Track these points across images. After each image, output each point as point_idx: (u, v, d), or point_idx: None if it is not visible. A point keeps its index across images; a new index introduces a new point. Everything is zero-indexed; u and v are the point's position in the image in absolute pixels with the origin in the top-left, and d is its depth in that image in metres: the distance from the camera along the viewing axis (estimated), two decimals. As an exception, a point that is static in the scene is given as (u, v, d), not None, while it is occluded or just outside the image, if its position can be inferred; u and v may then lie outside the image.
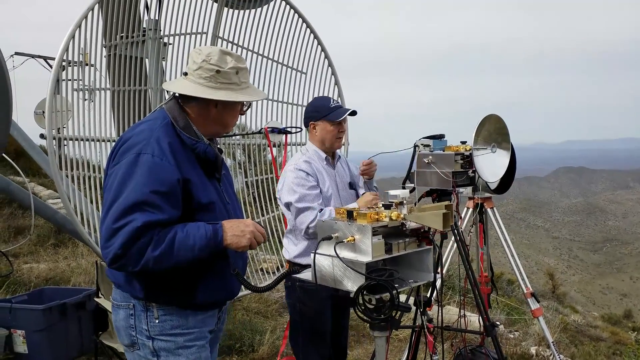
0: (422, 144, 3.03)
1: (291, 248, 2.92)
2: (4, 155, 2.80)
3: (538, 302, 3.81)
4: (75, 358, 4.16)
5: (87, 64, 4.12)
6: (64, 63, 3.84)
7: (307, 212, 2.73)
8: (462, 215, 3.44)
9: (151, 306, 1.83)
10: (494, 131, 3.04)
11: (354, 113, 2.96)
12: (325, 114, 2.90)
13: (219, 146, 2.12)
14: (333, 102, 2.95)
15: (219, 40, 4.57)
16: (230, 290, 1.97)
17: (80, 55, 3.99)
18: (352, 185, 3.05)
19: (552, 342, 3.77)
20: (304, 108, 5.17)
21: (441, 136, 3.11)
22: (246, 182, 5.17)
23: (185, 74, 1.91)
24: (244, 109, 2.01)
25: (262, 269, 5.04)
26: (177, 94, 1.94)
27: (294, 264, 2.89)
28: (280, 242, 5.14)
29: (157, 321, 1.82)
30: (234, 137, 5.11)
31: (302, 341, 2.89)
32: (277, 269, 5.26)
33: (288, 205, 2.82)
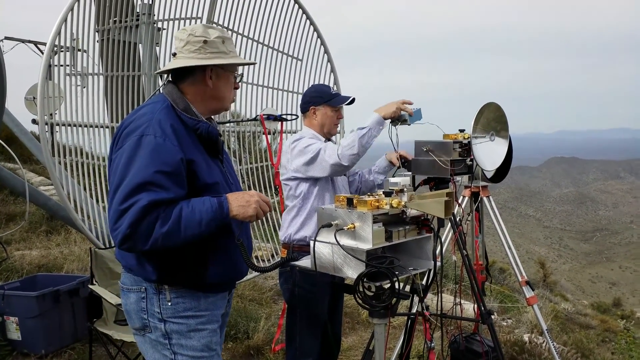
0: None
1: (294, 229, 2.88)
2: (3, 144, 2.75)
3: (533, 290, 3.84)
4: (69, 345, 4.14)
5: (79, 50, 4.05)
6: (55, 48, 3.77)
7: (328, 149, 2.70)
8: (460, 203, 3.43)
9: (163, 289, 1.83)
10: (493, 119, 3.02)
11: (353, 101, 3.00)
12: (328, 99, 2.94)
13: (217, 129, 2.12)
14: (333, 89, 3.04)
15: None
16: (240, 270, 1.96)
17: (73, 41, 3.92)
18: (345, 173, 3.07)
19: (546, 330, 3.80)
20: (300, 95, 5.20)
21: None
22: (240, 170, 5.13)
23: (174, 54, 1.95)
24: (237, 81, 2.03)
25: (256, 257, 5.03)
26: (171, 78, 1.96)
27: (292, 243, 2.87)
28: (275, 230, 5.15)
29: (169, 303, 1.83)
30: (227, 125, 5.07)
31: (299, 326, 2.90)
32: (272, 256, 5.25)
33: (308, 163, 2.75)
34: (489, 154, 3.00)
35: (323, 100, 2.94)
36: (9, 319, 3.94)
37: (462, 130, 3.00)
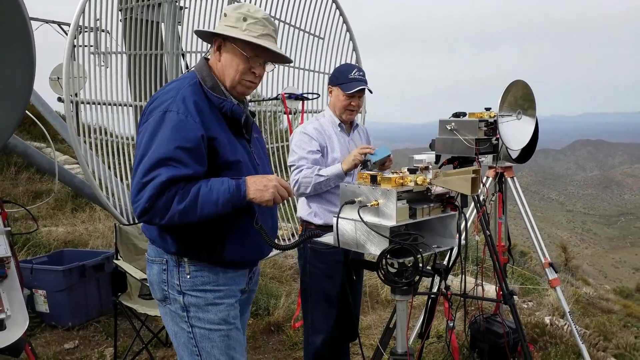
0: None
1: (302, 207, 2.98)
2: (33, 117, 2.79)
3: (556, 272, 3.79)
4: (95, 318, 4.26)
5: (102, 30, 4.07)
6: (79, 28, 3.79)
7: (294, 172, 2.81)
8: (484, 183, 3.38)
9: (183, 261, 1.86)
10: (520, 97, 2.95)
11: (362, 90, 2.85)
12: (341, 82, 2.86)
13: (251, 109, 2.10)
14: (355, 73, 2.85)
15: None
16: (260, 250, 1.97)
17: (97, 21, 3.94)
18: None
19: (568, 312, 3.76)
20: (321, 74, 5.15)
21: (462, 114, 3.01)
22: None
23: None
24: (266, 69, 1.94)
25: (277, 236, 5.06)
26: (207, 56, 1.96)
27: (308, 222, 2.94)
28: (295, 209, 5.17)
29: (188, 276, 1.86)
30: (248, 104, 5.06)
31: (310, 302, 2.97)
32: (292, 235, 5.28)
33: (290, 166, 2.89)
34: (515, 132, 2.94)
35: (337, 82, 2.88)
36: (37, 292, 4.06)
37: (488, 109, 2.94)
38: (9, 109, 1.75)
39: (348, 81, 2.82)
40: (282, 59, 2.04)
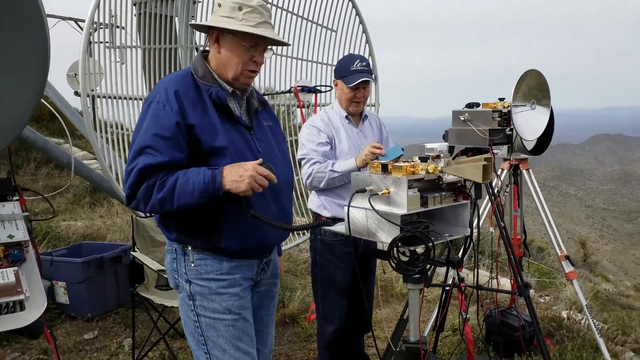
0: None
1: (313, 200, 3.01)
2: (53, 110, 2.83)
3: (573, 265, 3.74)
4: (113, 310, 4.34)
5: (117, 27, 4.12)
6: (94, 24, 3.84)
7: (306, 165, 2.82)
8: (498, 175, 3.35)
9: (187, 250, 1.89)
10: (534, 87, 2.92)
11: (367, 81, 2.81)
12: (343, 75, 2.83)
13: (262, 97, 2.12)
14: (357, 64, 2.81)
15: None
16: (261, 237, 1.93)
17: (112, 17, 3.99)
18: None
19: (586, 305, 3.71)
20: (334, 67, 5.14)
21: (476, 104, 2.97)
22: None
23: None
24: (265, 55, 1.93)
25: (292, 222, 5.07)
26: (203, 51, 1.99)
27: (317, 214, 2.97)
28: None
29: (192, 265, 1.88)
30: (253, 92, 5.08)
31: (320, 293, 2.99)
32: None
33: (299, 160, 2.90)
34: (529, 123, 2.91)
35: (340, 75, 2.86)
36: (57, 283, 4.15)
37: (501, 99, 2.92)
38: (25, 97, 1.79)
39: (350, 73, 2.79)
40: (280, 44, 2.07)
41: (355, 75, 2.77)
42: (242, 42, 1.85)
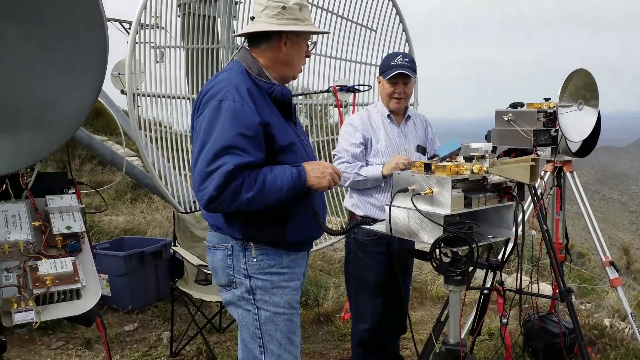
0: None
1: (348, 198, 3.04)
2: (107, 108, 2.95)
3: (617, 271, 3.62)
4: (153, 303, 4.45)
5: (162, 28, 4.23)
6: (140, 25, 3.96)
7: (336, 162, 2.85)
8: (542, 177, 3.27)
9: (249, 246, 1.92)
10: (581, 87, 2.83)
11: (400, 75, 2.77)
12: (383, 70, 2.85)
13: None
14: (398, 59, 2.80)
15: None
16: (316, 229, 2.01)
17: (154, 18, 4.10)
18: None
19: (630, 313, 3.58)
20: (373, 66, 5.12)
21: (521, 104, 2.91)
22: (312, 143, 5.18)
23: (252, 18, 1.98)
24: (309, 49, 2.04)
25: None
26: (246, 46, 2.02)
27: (352, 212, 2.99)
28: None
29: (254, 260, 1.91)
30: (299, 97, 5.11)
31: (353, 291, 3.01)
32: (341, 228, 5.30)
33: (333, 155, 2.94)
34: (576, 124, 2.83)
35: (381, 70, 2.88)
36: (100, 276, 4.26)
37: (547, 99, 2.84)
38: (84, 95, 1.86)
39: (389, 68, 2.80)
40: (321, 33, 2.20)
41: (394, 68, 2.78)
42: (306, 40, 1.97)
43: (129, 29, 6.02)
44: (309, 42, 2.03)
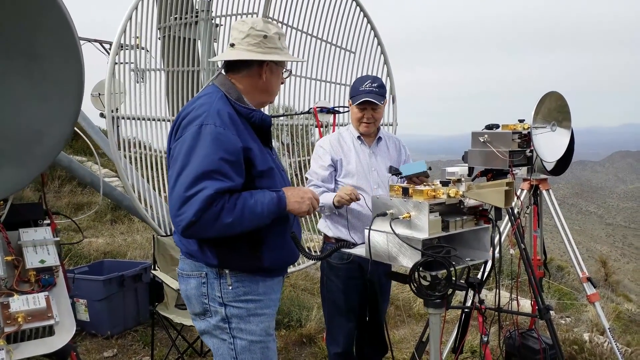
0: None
1: (321, 220, 3.05)
2: (80, 133, 2.91)
3: (595, 287, 3.69)
4: (133, 327, 4.37)
5: (142, 48, 4.24)
6: (121, 46, 3.95)
7: (307, 185, 2.87)
8: (518, 196, 3.34)
9: (224, 273, 1.89)
10: (554, 109, 2.93)
11: (373, 103, 2.78)
12: (352, 95, 2.87)
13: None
14: (366, 85, 2.82)
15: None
16: (293, 252, 2.02)
17: (137, 39, 4.11)
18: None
19: (608, 328, 3.65)
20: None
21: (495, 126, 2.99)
22: (292, 162, 5.21)
23: (232, 45, 1.98)
24: (284, 76, 2.09)
25: (308, 248, 5.10)
26: (224, 68, 2.03)
27: (325, 234, 3.00)
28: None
29: (230, 287, 1.89)
30: (281, 118, 5.14)
31: (327, 314, 3.03)
32: (321, 251, 5.30)
33: (306, 177, 3.00)
34: (549, 144, 2.91)
35: (350, 95, 2.90)
36: (78, 301, 4.20)
37: (521, 121, 2.92)
38: (60, 125, 1.85)
39: (357, 94, 2.82)
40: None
41: (361, 95, 2.79)
42: (283, 68, 2.02)
43: (109, 49, 6.01)
44: (284, 70, 2.07)
